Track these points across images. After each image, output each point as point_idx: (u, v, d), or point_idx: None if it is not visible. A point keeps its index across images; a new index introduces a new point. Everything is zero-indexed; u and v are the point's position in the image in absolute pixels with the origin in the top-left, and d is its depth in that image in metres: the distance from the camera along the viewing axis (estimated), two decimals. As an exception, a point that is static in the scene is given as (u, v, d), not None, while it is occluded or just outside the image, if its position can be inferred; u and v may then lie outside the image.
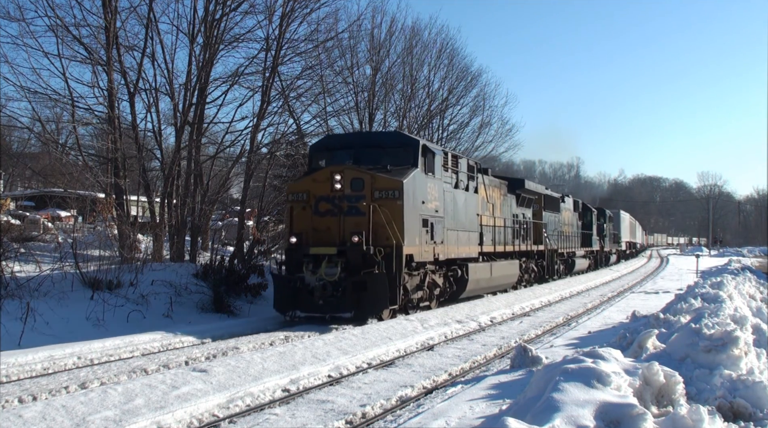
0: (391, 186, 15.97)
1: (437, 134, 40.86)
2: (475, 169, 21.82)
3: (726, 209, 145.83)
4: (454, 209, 19.23)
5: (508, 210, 25.55)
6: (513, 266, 24.93)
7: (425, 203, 17.03)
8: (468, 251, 20.20)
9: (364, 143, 17.75)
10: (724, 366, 7.32)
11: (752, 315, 11.34)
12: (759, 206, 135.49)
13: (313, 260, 15.76)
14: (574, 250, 37.78)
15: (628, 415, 5.39)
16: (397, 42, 36.74)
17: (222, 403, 8.70)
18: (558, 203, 35.01)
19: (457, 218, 19.46)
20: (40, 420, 7.44)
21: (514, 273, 25.01)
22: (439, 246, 17.89)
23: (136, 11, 22.35)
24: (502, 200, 24.98)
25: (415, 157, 16.98)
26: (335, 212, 16.18)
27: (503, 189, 25.37)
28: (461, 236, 19.70)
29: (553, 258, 32.12)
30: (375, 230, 15.66)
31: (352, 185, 16.16)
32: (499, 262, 23.32)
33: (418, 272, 17.09)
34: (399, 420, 8.16)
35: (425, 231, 16.97)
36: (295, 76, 25.18)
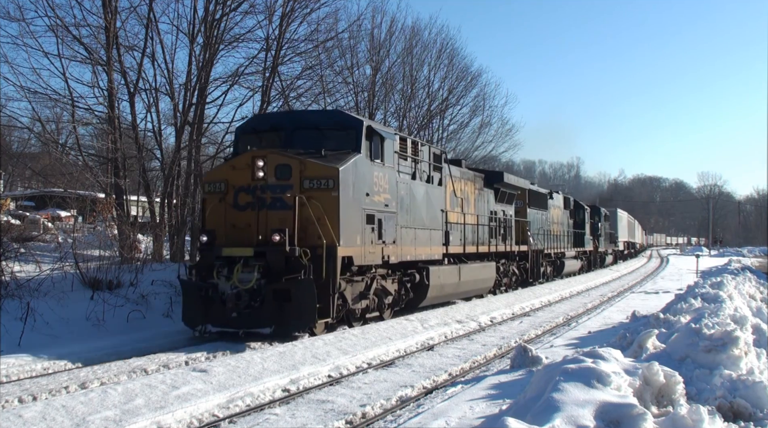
0: (325, 174, 13.45)
1: (437, 134, 40.88)
2: (442, 159, 19.37)
3: (726, 209, 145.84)
4: (412, 203, 16.84)
5: (484, 206, 23.18)
6: (488, 268, 22.34)
7: (370, 196, 14.57)
8: (429, 253, 17.79)
9: (298, 124, 15.00)
10: (724, 366, 7.32)
11: (752, 315, 11.35)
12: (759, 206, 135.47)
13: (226, 263, 13.28)
14: (563, 251, 35.18)
15: (628, 415, 5.39)
16: (397, 42, 36.77)
17: (222, 403, 8.70)
18: (545, 199, 32.68)
19: (416, 214, 17.02)
20: (40, 420, 7.44)
21: (489, 277, 22.43)
22: (391, 247, 15.44)
23: (136, 11, 22.39)
24: (477, 194, 22.61)
25: (358, 140, 14.44)
26: (257, 205, 13.63)
27: (478, 183, 22.86)
28: (421, 235, 17.32)
29: (538, 259, 29.55)
30: (304, 227, 13.22)
31: (277, 172, 13.59)
32: (471, 264, 20.84)
33: (362, 278, 14.70)
34: (399, 420, 8.16)
35: (370, 229, 14.54)
36: (295, 76, 25.25)
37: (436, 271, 17.94)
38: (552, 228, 33.19)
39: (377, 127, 15.47)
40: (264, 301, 12.96)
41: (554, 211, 34.17)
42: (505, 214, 25.52)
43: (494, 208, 24.27)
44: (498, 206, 24.72)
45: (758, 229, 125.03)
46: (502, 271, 24.50)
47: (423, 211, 17.46)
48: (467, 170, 22.32)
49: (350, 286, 14.20)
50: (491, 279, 22.72)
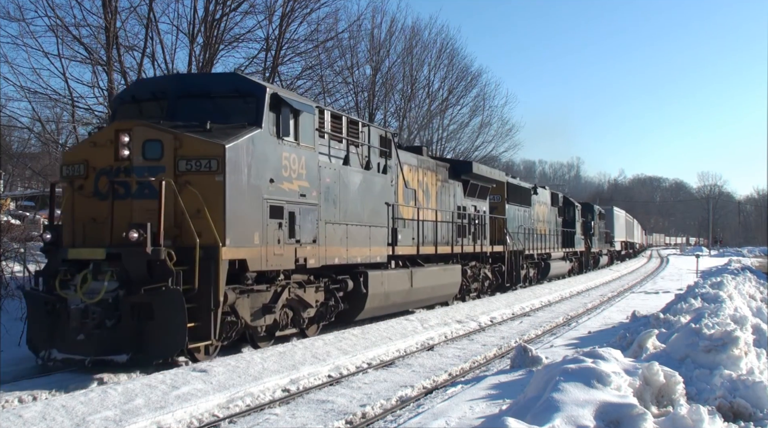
0: (206, 153, 10.54)
1: (437, 134, 40.90)
2: (391, 143, 16.49)
3: (726, 209, 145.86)
4: (343, 194, 14.01)
5: (449, 201, 20.52)
6: (451, 272, 19.51)
7: (277, 183, 11.73)
8: (368, 254, 14.89)
9: (184, 91, 11.87)
10: (724, 366, 7.32)
11: (752, 315, 11.36)
12: (759, 206, 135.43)
13: (75, 269, 10.37)
14: (549, 251, 32.24)
15: (628, 415, 5.40)
16: (397, 42, 36.79)
17: (222, 403, 8.70)
18: (528, 195, 29.93)
19: (349, 207, 14.18)
20: (40, 420, 7.44)
21: (453, 282, 19.64)
22: (309, 247, 12.64)
23: (136, 11, 22.34)
24: (440, 187, 19.87)
25: (259, 112, 11.50)
26: (121, 193, 10.62)
27: (441, 174, 20.06)
28: (355, 233, 14.38)
29: (517, 261, 26.50)
30: (180, 222, 10.39)
31: (145, 150, 10.62)
32: (428, 268, 18.03)
33: (267, 287, 11.91)
34: (399, 420, 8.17)
35: (276, 224, 11.73)
36: (295, 76, 25.21)
37: (378, 277, 15.13)
38: (537, 227, 30.66)
39: (289, 96, 12.49)
40: (121, 319, 9.99)
41: (539, 208, 31.67)
42: (477, 210, 22.76)
43: (463, 203, 21.56)
44: (468, 201, 22.01)
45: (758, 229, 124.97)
46: (470, 275, 21.76)
47: (359, 204, 14.61)
48: (427, 159, 19.56)
49: (245, 298, 11.33)
50: (455, 285, 19.87)
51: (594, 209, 46.71)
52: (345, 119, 14.56)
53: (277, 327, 12.34)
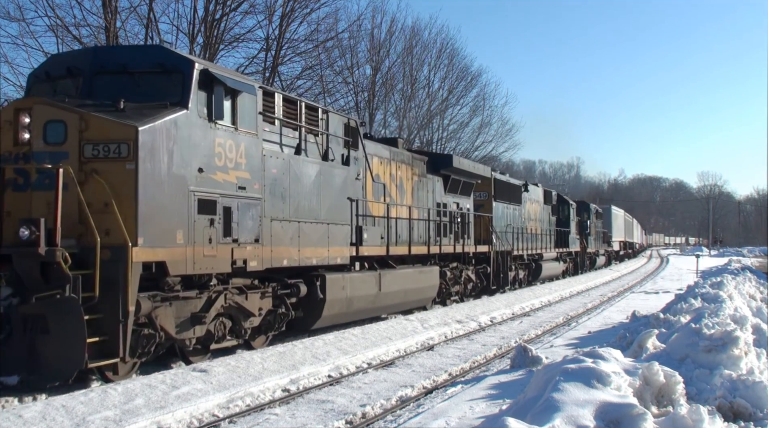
0: (116, 136, 9.13)
1: (437, 134, 40.95)
2: (357, 132, 15.00)
3: (726, 209, 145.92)
4: (294, 187, 12.46)
5: (427, 197, 19.18)
6: (428, 275, 18.11)
7: (208, 172, 10.20)
8: (326, 255, 13.39)
9: (102, 66, 10.40)
10: (724, 366, 7.32)
11: (752, 315, 11.35)
12: (759, 206, 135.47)
13: None
14: (540, 252, 30.76)
15: (628, 415, 5.40)
16: (397, 42, 36.86)
17: (222, 403, 8.70)
18: (518, 192, 28.40)
19: (301, 202, 12.62)
20: (40, 420, 7.44)
21: (430, 285, 18.23)
22: (250, 247, 11.12)
23: (136, 11, 22.36)
24: (417, 182, 18.55)
25: (186, 90, 10.01)
26: (20, 183, 9.24)
27: (418, 168, 18.73)
28: (310, 232, 12.85)
29: (505, 262, 24.83)
30: (84, 218, 8.90)
31: (46, 133, 9.23)
32: (401, 270, 16.58)
33: (197, 294, 10.40)
34: (399, 420, 8.17)
35: (207, 221, 10.15)
36: (295, 76, 25.27)
37: (338, 280, 13.71)
38: (527, 226, 29.20)
39: (224, 73, 10.91)
40: (12, 333, 8.53)
41: (531, 206, 30.34)
42: (459, 207, 21.36)
43: (443, 199, 20.18)
44: (449, 198, 20.62)
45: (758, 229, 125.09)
46: (450, 277, 20.22)
47: (315, 198, 13.12)
48: (402, 151, 18.20)
49: (167, 307, 9.86)
50: (432, 288, 18.45)
51: (590, 207, 45.05)
52: (301, 104, 13.06)
53: (212, 339, 10.81)
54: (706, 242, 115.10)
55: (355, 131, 14.97)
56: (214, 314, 10.70)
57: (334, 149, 14.05)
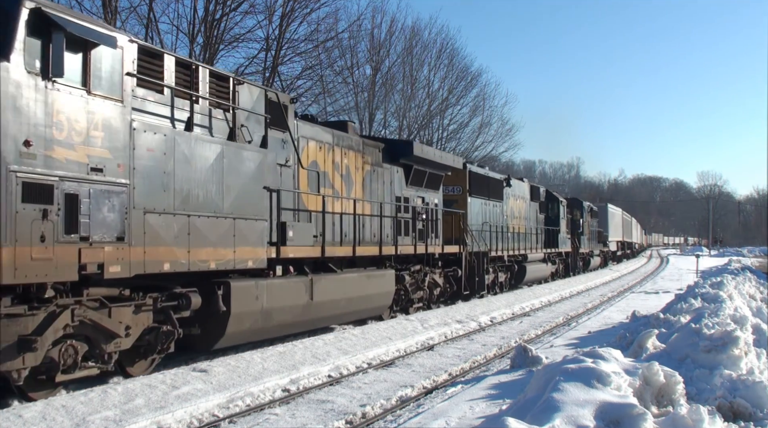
0: None
1: (437, 134, 40.98)
2: (285, 110, 12.86)
3: (726, 209, 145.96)
4: (182, 171, 9.98)
5: (384, 190, 17.02)
6: (380, 279, 15.65)
7: (38, 147, 7.94)
8: (231, 258, 10.77)
9: None
10: (724, 366, 7.32)
11: (752, 315, 11.35)
12: (759, 206, 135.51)
13: None
14: (525, 252, 28.31)
15: (628, 415, 5.40)
16: (397, 42, 36.92)
17: (222, 403, 8.70)
18: (499, 187, 26.14)
19: (193, 190, 10.11)
20: (40, 420, 7.44)
21: (382, 291, 15.77)
22: (110, 247, 8.72)
23: (136, 11, 22.38)
24: (370, 172, 16.36)
25: (9, 35, 7.81)
26: None
27: (372, 156, 16.50)
28: (206, 228, 10.28)
29: (480, 265, 22.31)
30: None
31: None
32: (342, 275, 14.22)
33: (28, 310, 8.01)
34: (399, 420, 8.17)
35: (39, 212, 7.93)
36: (295, 76, 25.29)
37: (249, 289, 11.22)
38: (511, 224, 27.06)
39: (68, 16, 8.45)
40: None
41: (514, 203, 28.14)
42: (425, 202, 19.27)
43: (404, 193, 18.08)
44: (411, 191, 18.46)
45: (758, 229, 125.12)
46: (411, 282, 17.72)
47: (215, 187, 10.55)
48: (350, 136, 15.88)
49: None
50: (386, 295, 16.00)
51: (583, 205, 42.62)
52: (200, 70, 10.74)
53: (53, 368, 8.40)
54: (706, 242, 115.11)
55: (279, 108, 12.58)
56: (57, 337, 8.29)
57: (251, 129, 11.82)
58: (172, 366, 10.25)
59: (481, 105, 43.03)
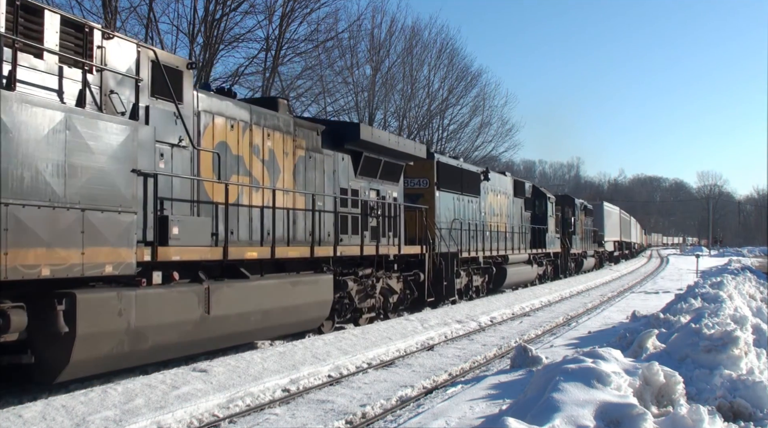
0: None
1: (437, 134, 41.00)
2: (180, 76, 10.43)
3: (726, 209, 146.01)
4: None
5: (324, 180, 14.44)
6: (311, 287, 13.12)
7: None
8: (79, 263, 8.29)
9: None
10: (724, 366, 7.32)
11: (752, 315, 11.35)
12: (759, 206, 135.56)
13: None
14: (506, 253, 25.68)
15: (628, 415, 5.40)
16: (397, 42, 36.94)
17: (222, 403, 8.70)
18: (476, 181, 23.57)
19: (10, 168, 7.63)
20: (40, 419, 7.44)
21: (315, 301, 13.24)
22: None
23: (136, 11, 22.42)
24: (305, 158, 13.77)
25: None
26: None
27: (307, 139, 13.93)
28: (32, 221, 7.81)
29: (449, 268, 19.84)
30: None
31: None
32: (253, 283, 11.61)
33: None
34: (399, 420, 8.17)
35: None
36: (295, 76, 25.32)
37: (106, 302, 8.83)
38: (490, 222, 24.62)
39: None
40: None
41: (494, 198, 25.67)
42: (380, 196, 16.77)
43: (353, 184, 15.60)
44: (361, 182, 15.93)
45: (758, 229, 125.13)
46: (358, 289, 15.23)
47: (50, 167, 8.08)
48: (276, 114, 13.13)
49: None
50: (320, 305, 13.49)
51: (575, 202, 39.77)
52: (52, 16, 8.57)
53: None
54: (705, 242, 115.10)
55: (170, 73, 10.13)
56: None
57: (127, 98, 9.58)
58: (172, 366, 10.25)
59: (481, 105, 43.10)
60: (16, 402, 8.24)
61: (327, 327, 14.34)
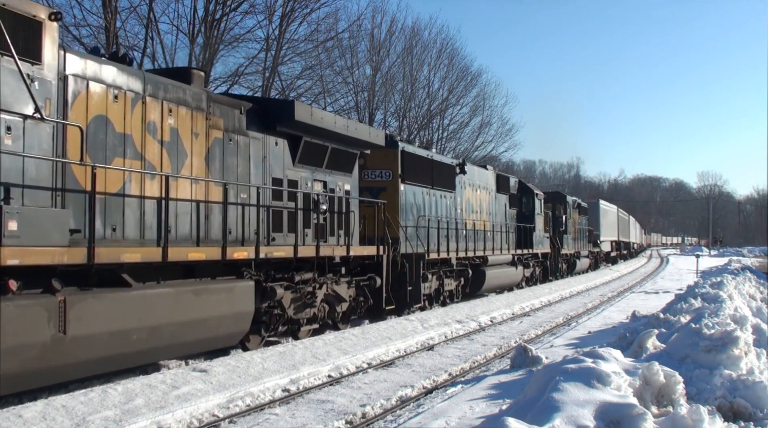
0: None
1: (437, 134, 41.00)
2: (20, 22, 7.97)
3: (726, 209, 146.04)
4: None
5: (248, 167, 12.13)
6: (219, 297, 10.79)
7: None
8: None
9: None
10: (724, 366, 7.32)
11: (752, 315, 11.36)
12: (759, 206, 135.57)
13: None
14: (485, 254, 23.16)
15: (628, 415, 5.40)
16: (397, 42, 36.95)
17: (222, 403, 8.70)
18: (451, 174, 21.44)
19: None
20: (40, 420, 7.44)
21: (226, 314, 10.90)
22: None
23: (136, 11, 22.41)
24: (222, 141, 11.48)
25: None
26: None
27: (226, 118, 11.66)
28: None
29: (415, 271, 17.61)
30: None
31: None
32: (135, 293, 9.36)
33: None
34: (399, 420, 8.17)
35: None
36: (295, 76, 25.33)
37: None
38: (467, 219, 22.37)
39: None
40: None
41: (473, 194, 23.36)
42: (328, 189, 14.47)
43: (289, 174, 13.24)
44: (303, 172, 13.65)
45: (758, 229, 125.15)
46: (295, 297, 12.93)
47: None
48: (184, 86, 10.90)
49: None
50: (237, 318, 11.21)
51: (567, 200, 37.44)
52: None
53: None
54: (705, 242, 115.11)
55: (14, 22, 7.90)
56: None
57: None
58: (172, 367, 10.25)
59: (481, 105, 43.11)
60: (16, 402, 8.25)
61: (253, 342, 12.13)
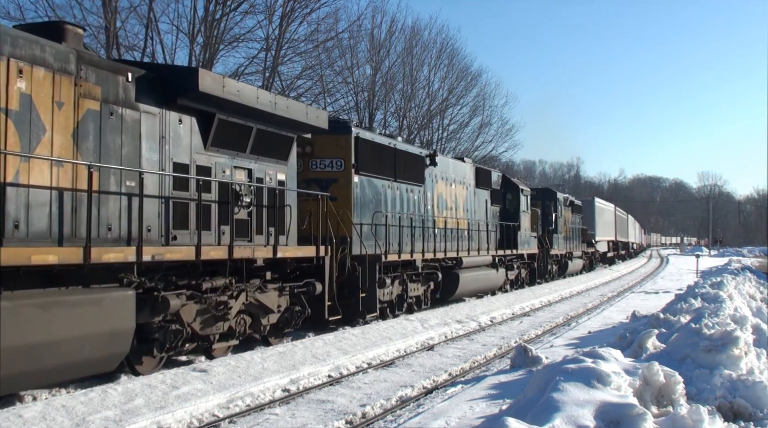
0: None
1: (437, 134, 40.98)
2: None
3: (726, 209, 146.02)
4: None
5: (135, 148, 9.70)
6: (82, 312, 8.31)
7: None
8: None
9: None
10: (724, 366, 7.32)
11: (752, 315, 11.36)
12: (759, 206, 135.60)
13: None
14: (458, 255, 20.54)
15: (628, 415, 5.40)
16: (397, 42, 36.93)
17: (222, 403, 8.70)
18: (419, 165, 18.92)
19: None
20: (40, 420, 7.44)
21: (82, 334, 8.28)
22: None
23: (136, 11, 22.43)
24: (98, 115, 9.10)
25: None
26: None
27: (107, 85, 9.25)
28: None
29: (369, 275, 15.25)
30: None
31: None
32: None
33: None
34: (399, 420, 8.17)
35: None
36: (295, 76, 25.33)
37: None
38: (438, 217, 19.93)
39: None
40: None
41: (447, 188, 20.84)
42: (253, 178, 12.13)
43: (199, 159, 10.93)
44: (219, 158, 11.34)
45: (758, 229, 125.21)
46: (201, 310, 10.61)
47: None
48: (45, 41, 8.48)
49: None
50: (99, 340, 8.58)
51: (557, 197, 34.84)
52: None
53: None
54: (705, 241, 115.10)
55: None
56: None
57: None
58: (172, 366, 10.25)
59: (481, 105, 43.08)
60: (16, 402, 8.25)
61: (147, 365, 9.90)
